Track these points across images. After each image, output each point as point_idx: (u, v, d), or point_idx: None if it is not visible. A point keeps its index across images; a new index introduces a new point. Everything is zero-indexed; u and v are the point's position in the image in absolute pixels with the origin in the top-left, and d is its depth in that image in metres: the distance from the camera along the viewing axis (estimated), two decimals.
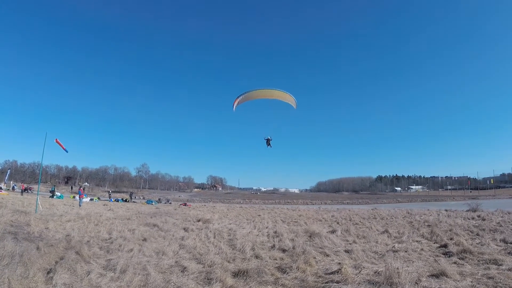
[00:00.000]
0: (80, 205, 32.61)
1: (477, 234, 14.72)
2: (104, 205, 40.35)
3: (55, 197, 50.65)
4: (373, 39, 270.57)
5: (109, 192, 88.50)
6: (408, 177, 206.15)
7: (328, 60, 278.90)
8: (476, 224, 18.73)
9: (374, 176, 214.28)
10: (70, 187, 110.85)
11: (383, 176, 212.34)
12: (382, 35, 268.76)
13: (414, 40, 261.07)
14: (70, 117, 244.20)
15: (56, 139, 25.22)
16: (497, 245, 11.65)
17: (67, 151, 27.10)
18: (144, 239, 12.78)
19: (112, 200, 59.27)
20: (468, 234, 14.95)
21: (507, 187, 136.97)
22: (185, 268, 8.30)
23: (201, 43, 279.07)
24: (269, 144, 25.71)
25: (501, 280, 6.83)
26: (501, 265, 8.49)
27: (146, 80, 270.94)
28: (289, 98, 23.24)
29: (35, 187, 60.47)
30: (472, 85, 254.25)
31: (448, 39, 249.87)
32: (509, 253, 10.19)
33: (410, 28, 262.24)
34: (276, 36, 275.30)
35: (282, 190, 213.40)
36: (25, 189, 56.79)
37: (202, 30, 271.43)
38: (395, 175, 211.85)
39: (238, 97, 23.56)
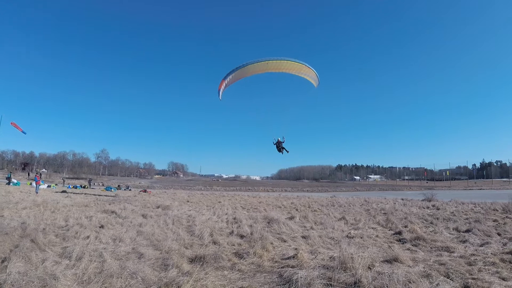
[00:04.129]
0: (36, 192, 31.77)
1: (431, 223, 15.29)
2: (61, 192, 39.30)
3: (11, 184, 48.95)
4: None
5: (63, 179, 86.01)
6: (367, 166, 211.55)
7: (294, 46, 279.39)
8: (431, 213, 19.41)
9: (334, 165, 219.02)
10: (27, 174, 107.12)
11: (343, 165, 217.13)
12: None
13: (377, 30, 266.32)
14: (27, 101, 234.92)
15: (12, 122, 24.55)
16: (450, 234, 12.18)
17: (25, 133, 26.49)
18: (102, 226, 12.65)
19: (70, 186, 57.78)
20: (423, 222, 15.52)
21: (462, 179, 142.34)
22: (142, 254, 8.31)
23: (166, 28, 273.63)
24: (282, 149, 20.84)
25: (453, 267, 7.13)
26: (453, 252, 8.91)
27: (105, 65, 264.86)
28: (307, 71, 18.47)
29: None
30: (428, 79, 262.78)
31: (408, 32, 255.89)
32: (461, 241, 10.64)
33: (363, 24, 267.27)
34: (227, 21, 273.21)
35: (244, 177, 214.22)
36: None
37: (166, 15, 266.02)
38: (354, 164, 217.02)
39: (227, 76, 18.09)
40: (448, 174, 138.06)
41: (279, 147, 20.88)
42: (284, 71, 18.26)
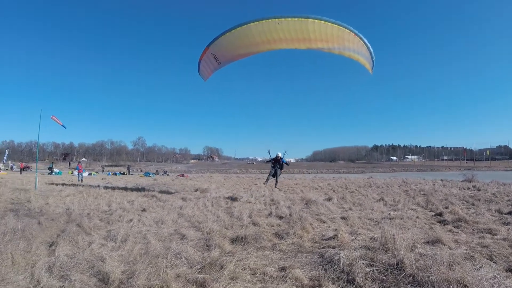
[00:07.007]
0: (79, 180, 32.88)
1: (472, 204, 14.76)
2: (102, 179, 40.56)
3: (53, 173, 50.98)
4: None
5: (102, 167, 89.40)
6: (404, 146, 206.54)
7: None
8: (472, 194, 18.74)
9: (370, 145, 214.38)
10: (68, 163, 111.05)
11: (379, 145, 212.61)
12: None
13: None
14: (64, 93, 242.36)
15: (53, 116, 25.15)
16: (492, 215, 11.72)
17: (65, 127, 27.10)
18: (143, 210, 13.00)
19: (110, 173, 59.61)
20: (463, 203, 15.00)
21: (503, 159, 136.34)
22: (184, 235, 8.49)
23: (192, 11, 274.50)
24: (276, 174, 17.19)
25: (496, 249, 6.86)
26: (495, 234, 8.56)
27: (138, 53, 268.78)
28: (355, 45, 12.82)
29: (33, 165, 60.35)
30: (468, 55, 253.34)
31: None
32: (504, 223, 10.23)
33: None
34: None
35: None
36: (24, 168, 56.03)
37: None
38: (391, 144, 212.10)
39: (214, 41, 13.30)
40: (488, 153, 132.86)
41: (276, 168, 16.94)
42: (316, 46, 12.44)
